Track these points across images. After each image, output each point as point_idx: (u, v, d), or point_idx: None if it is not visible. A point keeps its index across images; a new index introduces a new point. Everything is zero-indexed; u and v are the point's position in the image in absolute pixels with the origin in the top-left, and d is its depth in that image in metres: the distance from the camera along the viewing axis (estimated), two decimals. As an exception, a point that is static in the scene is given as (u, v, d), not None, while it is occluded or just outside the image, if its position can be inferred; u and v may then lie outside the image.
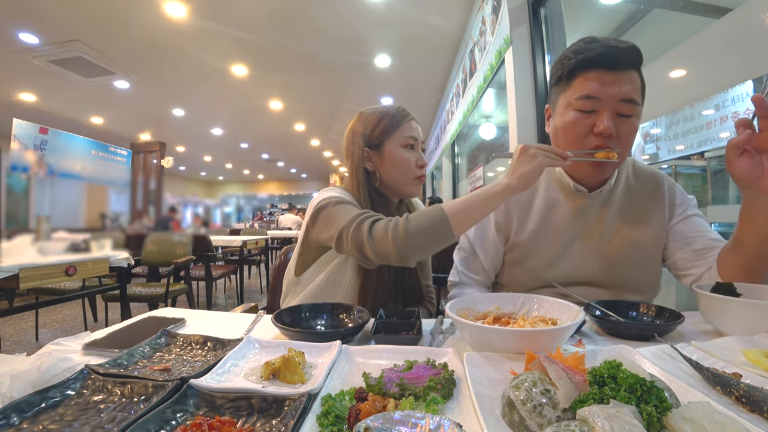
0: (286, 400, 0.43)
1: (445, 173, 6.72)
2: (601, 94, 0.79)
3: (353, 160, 1.02)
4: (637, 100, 0.80)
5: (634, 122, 0.81)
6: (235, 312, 0.99)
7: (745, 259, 0.77)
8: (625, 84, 0.79)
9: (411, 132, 1.00)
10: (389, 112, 1.01)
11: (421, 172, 1.01)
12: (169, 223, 1.97)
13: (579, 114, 0.82)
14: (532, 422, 0.37)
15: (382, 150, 1.00)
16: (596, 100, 0.80)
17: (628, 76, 0.79)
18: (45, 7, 3.30)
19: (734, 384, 0.44)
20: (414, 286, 1.05)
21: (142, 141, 7.79)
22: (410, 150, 1.00)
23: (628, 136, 0.81)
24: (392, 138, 0.99)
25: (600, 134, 0.80)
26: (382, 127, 1.00)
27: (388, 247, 0.78)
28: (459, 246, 1.08)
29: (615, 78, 0.79)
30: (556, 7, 2.34)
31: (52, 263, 1.76)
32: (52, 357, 0.51)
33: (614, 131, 0.79)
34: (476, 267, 1.02)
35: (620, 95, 0.78)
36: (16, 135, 1.31)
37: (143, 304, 2.67)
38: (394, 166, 1.00)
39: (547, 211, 0.95)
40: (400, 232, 0.78)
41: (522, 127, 2.36)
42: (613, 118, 0.79)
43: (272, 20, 3.60)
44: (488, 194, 0.77)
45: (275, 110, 6.35)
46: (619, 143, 0.81)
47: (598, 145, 0.81)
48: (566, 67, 0.84)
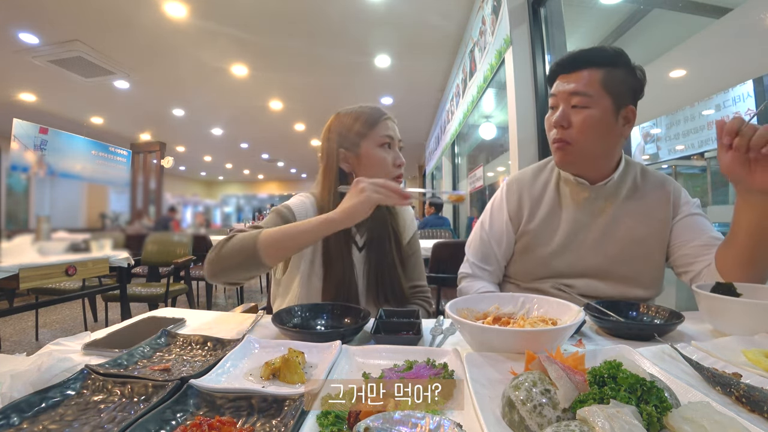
0: (286, 400, 0.43)
1: (445, 173, 6.72)
2: (556, 92, 0.94)
3: (328, 161, 1.00)
4: (587, 92, 0.89)
5: (588, 113, 0.89)
6: (235, 312, 0.99)
7: (738, 251, 0.81)
8: (575, 81, 0.90)
9: (387, 131, 0.98)
10: (365, 112, 1.00)
11: (398, 171, 0.99)
12: (169, 223, 1.97)
13: (550, 111, 0.97)
14: (532, 422, 0.37)
15: (358, 150, 0.98)
16: (554, 97, 0.95)
17: (581, 74, 0.90)
18: (45, 7, 3.30)
19: (734, 384, 0.44)
20: (395, 288, 1.02)
21: (142, 141, 7.79)
22: (387, 149, 0.99)
23: (581, 125, 0.90)
24: (369, 138, 0.98)
25: (554, 126, 0.93)
26: (358, 127, 0.98)
27: (205, 263, 0.84)
28: (471, 238, 1.13)
29: (569, 78, 0.92)
30: (556, 7, 2.34)
31: (52, 263, 1.76)
32: (52, 357, 0.51)
33: (564, 121, 0.91)
34: (490, 257, 1.07)
35: (570, 90, 0.91)
36: (16, 135, 1.31)
37: (143, 304, 2.67)
38: (371, 167, 0.98)
39: (555, 203, 1.02)
40: (215, 251, 0.82)
41: (522, 127, 2.36)
42: (566, 110, 0.92)
43: (272, 20, 3.60)
44: (309, 225, 0.79)
45: (275, 110, 6.35)
46: (571, 132, 0.91)
47: (555, 137, 0.94)
48: (548, 79, 1.01)
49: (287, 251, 0.84)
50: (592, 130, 0.90)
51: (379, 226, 1.02)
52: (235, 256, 0.80)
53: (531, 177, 1.08)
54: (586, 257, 0.96)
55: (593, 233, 0.96)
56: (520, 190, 1.06)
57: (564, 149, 0.93)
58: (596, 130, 0.90)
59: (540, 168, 1.09)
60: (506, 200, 1.07)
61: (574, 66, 0.92)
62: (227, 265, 0.81)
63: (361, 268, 1.01)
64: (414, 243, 1.13)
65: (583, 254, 0.96)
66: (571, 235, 0.97)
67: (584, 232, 0.97)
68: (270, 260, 0.80)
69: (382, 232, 1.02)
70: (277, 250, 0.80)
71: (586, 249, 0.96)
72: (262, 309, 1.16)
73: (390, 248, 1.02)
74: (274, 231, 0.79)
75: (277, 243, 0.79)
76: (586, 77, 0.90)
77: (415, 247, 1.13)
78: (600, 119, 0.89)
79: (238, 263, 0.80)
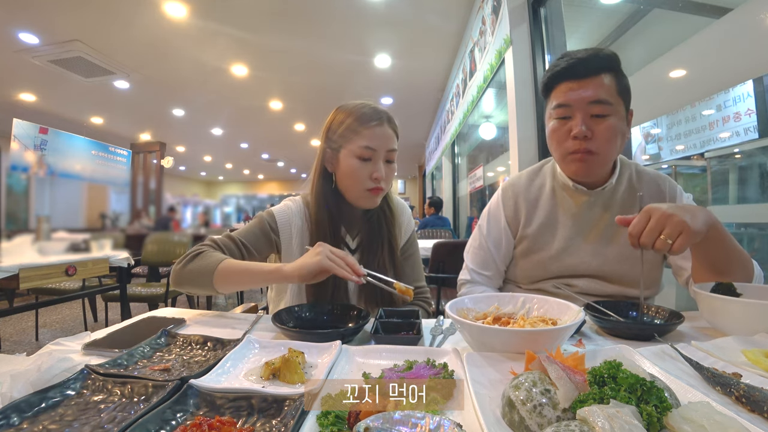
0: (286, 400, 0.43)
1: (445, 173, 6.72)
2: (571, 100, 0.88)
3: (317, 159, 0.98)
4: (608, 99, 0.85)
5: (610, 121, 0.86)
6: (235, 312, 0.99)
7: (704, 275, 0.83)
8: (592, 88, 0.86)
9: (370, 141, 0.91)
10: (354, 114, 0.93)
11: (374, 184, 0.93)
12: (169, 223, 1.97)
13: (557, 122, 0.91)
14: (532, 422, 0.37)
15: (338, 155, 0.94)
16: (568, 107, 0.88)
17: (595, 80, 0.86)
18: (45, 7, 3.30)
19: (734, 384, 0.44)
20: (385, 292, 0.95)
21: (142, 141, 7.79)
22: (365, 162, 0.92)
23: (605, 133, 0.86)
24: (350, 144, 0.92)
25: (575, 137, 0.87)
26: (343, 130, 0.93)
27: (171, 271, 0.88)
28: (470, 244, 1.12)
29: (582, 84, 0.86)
30: (556, 7, 2.34)
31: (52, 263, 1.76)
32: (52, 357, 0.51)
33: (588, 132, 0.86)
34: (489, 263, 1.07)
35: (588, 98, 0.86)
36: (16, 135, 1.31)
37: (143, 304, 2.67)
38: (345, 176, 0.94)
39: (552, 207, 1.01)
40: (181, 263, 0.87)
41: (522, 127, 2.36)
42: (586, 121, 0.86)
43: (272, 20, 3.60)
44: (261, 270, 0.82)
45: (275, 110, 6.35)
46: (596, 142, 0.87)
47: (576, 148, 0.88)
48: (543, 83, 0.95)
49: (240, 287, 0.87)
50: (615, 139, 0.87)
51: (373, 228, 1.01)
52: (195, 277, 0.84)
53: (526, 181, 1.07)
54: (586, 261, 0.96)
55: (593, 237, 0.96)
56: (516, 196, 1.05)
57: (587, 160, 0.89)
58: (617, 139, 0.87)
59: (535, 172, 1.08)
60: (503, 205, 1.06)
61: (587, 71, 0.86)
62: (187, 282, 0.86)
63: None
64: (411, 245, 1.11)
65: (583, 258, 0.96)
66: (570, 239, 0.97)
67: (583, 235, 0.97)
68: (223, 290, 0.84)
69: (375, 235, 1.00)
70: (231, 284, 0.84)
71: (585, 252, 0.96)
72: (262, 309, 1.16)
73: (382, 253, 0.99)
74: (234, 265, 0.83)
75: (234, 276, 0.82)
76: (605, 84, 0.86)
77: (412, 249, 1.11)
78: (618, 127, 0.87)
79: (196, 284, 0.85)
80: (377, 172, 0.92)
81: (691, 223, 0.66)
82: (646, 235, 0.67)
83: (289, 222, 0.97)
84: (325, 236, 0.94)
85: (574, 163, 0.91)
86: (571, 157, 0.90)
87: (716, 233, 0.74)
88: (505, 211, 1.05)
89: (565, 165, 0.94)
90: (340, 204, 0.98)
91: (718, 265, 0.79)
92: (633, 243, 0.70)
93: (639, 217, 0.70)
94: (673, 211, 0.67)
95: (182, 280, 0.86)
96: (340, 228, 0.99)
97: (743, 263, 0.80)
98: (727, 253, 0.78)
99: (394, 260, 1.02)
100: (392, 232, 1.03)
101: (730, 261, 0.79)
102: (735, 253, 0.79)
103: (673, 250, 0.66)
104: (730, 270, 0.79)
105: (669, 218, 0.66)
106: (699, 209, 0.71)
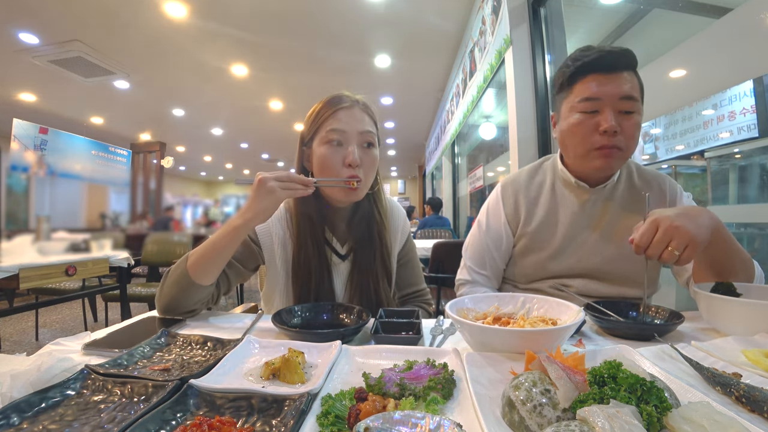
0: (286, 400, 0.43)
1: (445, 173, 6.72)
2: (601, 94, 0.85)
3: (296, 160, 0.94)
4: (637, 96, 0.85)
5: (636, 118, 0.86)
6: (235, 312, 0.99)
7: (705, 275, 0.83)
8: (623, 83, 0.84)
9: (338, 124, 0.84)
10: (324, 101, 0.89)
11: (349, 171, 0.83)
12: (169, 223, 1.97)
13: (583, 115, 0.88)
14: (532, 422, 0.37)
15: (312, 149, 0.89)
16: (597, 100, 0.86)
17: (624, 76, 0.85)
18: (45, 7, 3.30)
19: (734, 384, 0.44)
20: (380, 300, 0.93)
21: (142, 141, 7.78)
22: (334, 146, 0.84)
23: (632, 130, 0.86)
24: (318, 133, 0.87)
25: (605, 132, 0.84)
26: (312, 121, 0.89)
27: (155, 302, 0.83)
28: (468, 241, 1.11)
29: (612, 79, 0.85)
30: (556, 7, 2.35)
31: (52, 263, 1.75)
32: (52, 357, 0.51)
33: (618, 127, 0.84)
34: (488, 261, 1.06)
35: (620, 93, 0.84)
36: (16, 135, 1.31)
37: (143, 304, 2.67)
38: (318, 168, 0.87)
39: (553, 205, 1.00)
40: (159, 289, 0.81)
41: (522, 127, 2.36)
42: (615, 116, 0.85)
43: (272, 20, 3.60)
44: (219, 234, 0.77)
45: (275, 110, 6.34)
46: (624, 138, 0.86)
47: (603, 143, 0.85)
48: (566, 74, 0.91)
49: (214, 264, 0.79)
50: (637, 136, 0.87)
51: (362, 233, 0.94)
52: (174, 287, 0.79)
53: (526, 179, 1.06)
54: (585, 259, 0.95)
55: (592, 235, 0.96)
56: (516, 193, 1.04)
57: (614, 155, 0.87)
58: (639, 136, 0.87)
59: (534, 169, 1.08)
60: (503, 203, 1.05)
61: (616, 66, 0.85)
62: (173, 299, 0.80)
63: (344, 278, 0.94)
64: (409, 250, 1.07)
65: (582, 256, 0.96)
66: (570, 237, 0.97)
67: (583, 234, 0.96)
68: (202, 279, 0.78)
69: (366, 242, 0.94)
70: (204, 266, 0.78)
71: (584, 251, 0.96)
72: (262, 309, 1.16)
73: (373, 259, 0.94)
74: (197, 251, 0.79)
75: (202, 258, 0.78)
76: (632, 81, 0.85)
77: (411, 254, 1.07)
78: (640, 124, 0.87)
79: (181, 293, 0.79)
80: (350, 156, 0.83)
81: (697, 234, 0.66)
82: (654, 247, 0.67)
83: (269, 231, 0.92)
84: (307, 243, 0.89)
85: (600, 159, 0.88)
86: (598, 153, 0.87)
87: (719, 236, 0.74)
88: (505, 208, 1.05)
89: (587, 161, 0.90)
90: (320, 205, 0.92)
91: (720, 266, 0.79)
92: (638, 253, 0.70)
93: (646, 227, 0.69)
94: (680, 223, 0.66)
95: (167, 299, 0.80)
96: (325, 233, 0.93)
97: (744, 264, 0.80)
98: (729, 255, 0.78)
99: (388, 268, 0.97)
100: (384, 239, 0.96)
101: (731, 262, 0.79)
102: (736, 254, 0.78)
103: (679, 262, 0.67)
104: (732, 271, 0.78)
105: (676, 230, 0.66)
106: (703, 212, 0.71)
